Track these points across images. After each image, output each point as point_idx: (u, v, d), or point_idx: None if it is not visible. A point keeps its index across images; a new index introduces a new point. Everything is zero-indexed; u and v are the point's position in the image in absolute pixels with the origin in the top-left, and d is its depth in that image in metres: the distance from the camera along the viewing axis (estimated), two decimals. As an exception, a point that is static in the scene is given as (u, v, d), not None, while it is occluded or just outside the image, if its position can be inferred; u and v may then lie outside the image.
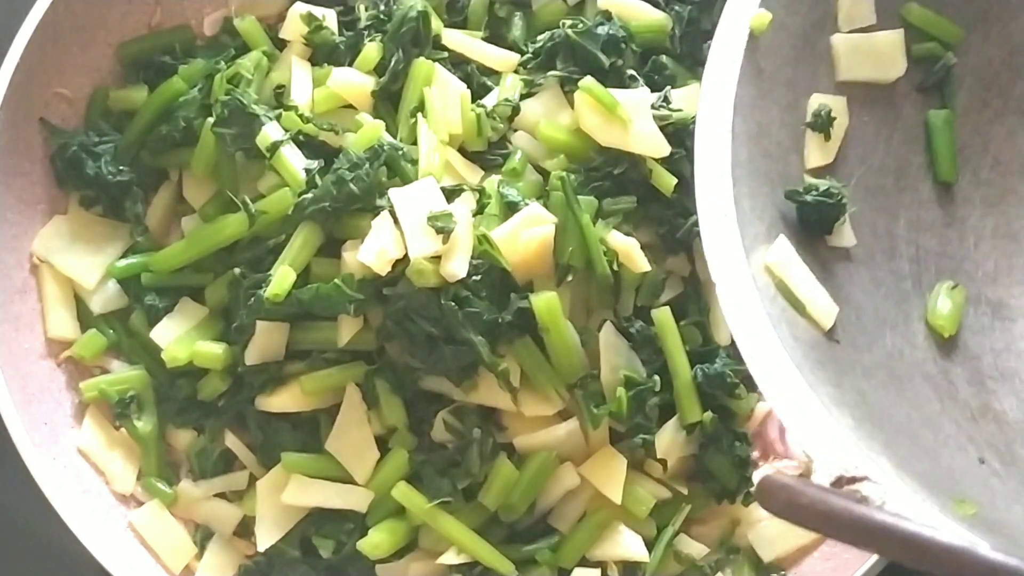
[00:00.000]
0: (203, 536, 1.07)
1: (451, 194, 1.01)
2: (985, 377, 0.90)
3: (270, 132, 1.04)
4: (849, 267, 0.89)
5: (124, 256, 1.10)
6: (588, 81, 1.04)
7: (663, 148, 1.03)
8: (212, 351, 1.04)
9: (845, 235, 0.91)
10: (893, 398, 0.84)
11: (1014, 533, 0.75)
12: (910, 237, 0.93)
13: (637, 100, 1.04)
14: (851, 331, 0.86)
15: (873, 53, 0.94)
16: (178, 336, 1.06)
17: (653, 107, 1.04)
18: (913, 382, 0.87)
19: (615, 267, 1.02)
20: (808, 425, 0.72)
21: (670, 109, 1.05)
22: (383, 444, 1.03)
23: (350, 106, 1.08)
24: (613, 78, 1.06)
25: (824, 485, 0.69)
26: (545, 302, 0.99)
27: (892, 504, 0.68)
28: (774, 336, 0.77)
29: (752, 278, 0.80)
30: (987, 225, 0.96)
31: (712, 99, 0.87)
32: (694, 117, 1.04)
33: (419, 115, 1.05)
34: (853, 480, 0.69)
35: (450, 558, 1.01)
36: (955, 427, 0.87)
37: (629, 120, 1.03)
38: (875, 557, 0.95)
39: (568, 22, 1.08)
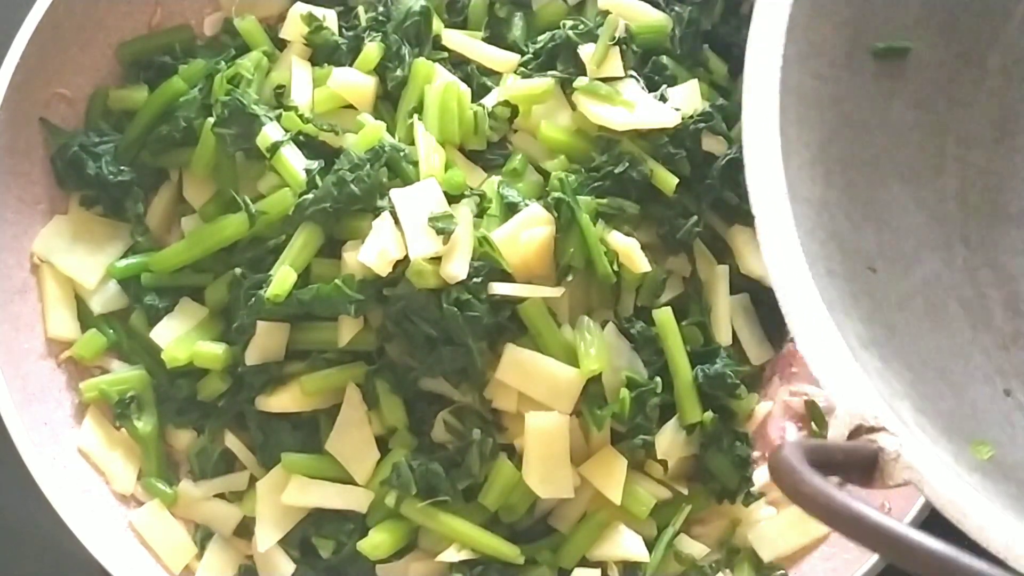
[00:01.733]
0: (203, 536, 1.07)
1: (452, 195, 1.01)
2: (1021, 301, 0.90)
3: (270, 132, 1.04)
4: (893, 188, 0.88)
5: (124, 256, 1.10)
6: (582, 81, 1.05)
7: (673, 117, 1.04)
8: (212, 351, 1.04)
9: None
10: (925, 328, 0.84)
11: None
12: (958, 153, 0.92)
13: (632, 86, 1.06)
14: (890, 256, 0.85)
15: None
16: (178, 336, 1.06)
17: (651, 106, 1.05)
18: (947, 309, 0.87)
19: (615, 267, 1.02)
20: (834, 372, 0.73)
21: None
22: (383, 444, 1.03)
23: (350, 106, 1.08)
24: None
25: (841, 438, 0.70)
26: (532, 307, 0.99)
27: (906, 455, 0.68)
28: (808, 275, 0.76)
29: (792, 211, 0.79)
30: None
31: (764, 20, 0.83)
32: (693, 117, 1.05)
33: (415, 116, 1.05)
34: (872, 430, 0.70)
35: (450, 555, 1.01)
36: (984, 357, 0.86)
37: (632, 103, 1.04)
38: (875, 557, 0.96)
39: (568, 23, 1.08)
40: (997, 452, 0.76)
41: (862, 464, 0.69)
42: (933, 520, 0.95)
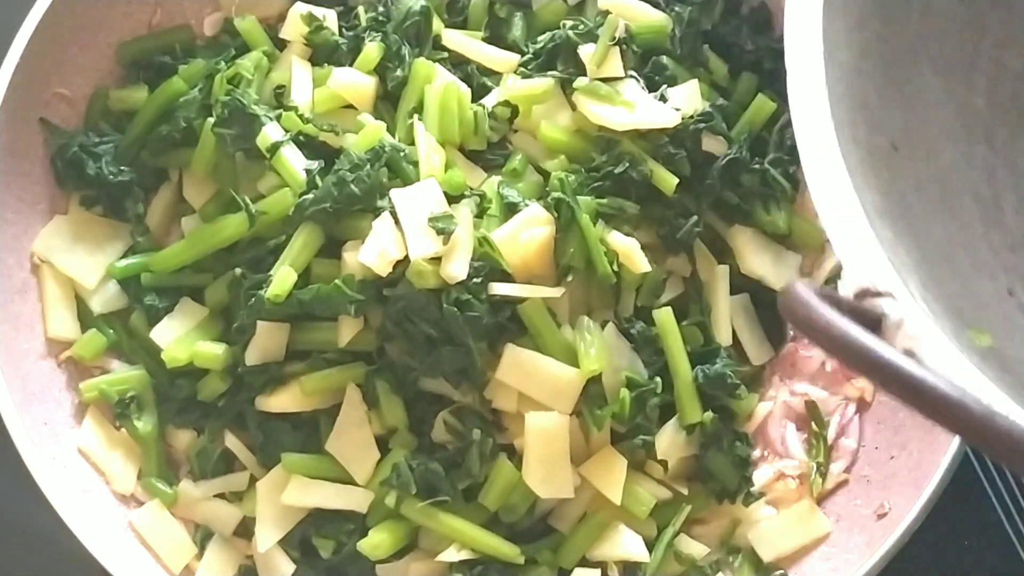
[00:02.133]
0: (203, 536, 1.07)
1: (452, 196, 1.01)
2: None
3: (270, 132, 1.04)
4: (925, 75, 0.88)
5: (124, 256, 1.10)
6: (582, 82, 1.05)
7: (673, 117, 1.04)
8: (212, 351, 1.04)
9: None
10: (938, 213, 0.84)
11: None
12: (995, 55, 0.91)
13: (632, 86, 1.06)
14: (913, 140, 0.84)
15: None
16: (178, 336, 1.06)
17: (650, 106, 1.05)
18: (962, 201, 0.87)
19: (615, 267, 1.02)
20: (847, 232, 0.72)
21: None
22: (383, 444, 1.03)
23: (350, 106, 1.08)
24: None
25: (848, 297, 0.69)
26: (532, 307, 0.99)
27: (909, 324, 0.67)
28: (833, 134, 0.76)
29: (825, 72, 0.79)
30: None
31: None
32: (693, 117, 1.05)
33: (415, 116, 1.05)
34: (877, 295, 0.69)
35: (450, 555, 1.01)
36: (992, 255, 0.86)
37: (632, 103, 1.04)
38: (875, 558, 0.95)
39: (568, 23, 1.08)
40: (997, 344, 0.76)
41: (866, 326, 0.67)
42: (932, 521, 0.96)
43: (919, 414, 0.61)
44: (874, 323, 0.68)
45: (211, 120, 1.06)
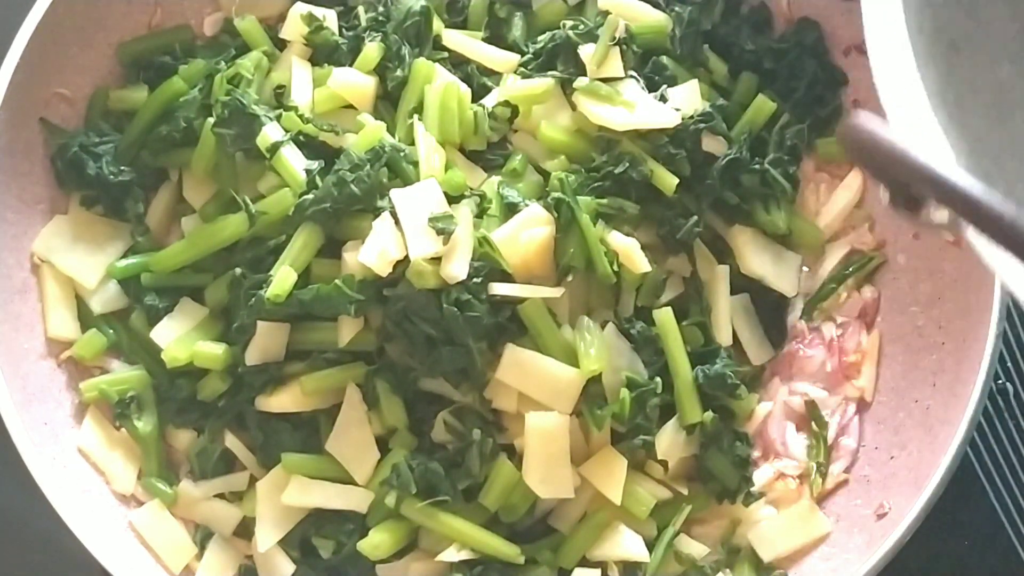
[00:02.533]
0: (203, 536, 1.07)
1: (452, 196, 1.01)
2: None
3: (270, 132, 1.04)
4: None
5: (124, 256, 1.10)
6: (582, 82, 1.05)
7: (673, 117, 1.04)
8: (212, 351, 1.04)
9: None
10: (990, 120, 0.84)
11: None
12: None
13: (632, 87, 1.06)
14: (972, 46, 0.85)
15: None
16: (178, 336, 1.06)
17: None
18: (1014, 115, 0.87)
19: (615, 268, 1.02)
20: (907, 104, 0.73)
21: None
22: (383, 445, 1.03)
23: (350, 106, 1.08)
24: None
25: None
26: (532, 307, 0.99)
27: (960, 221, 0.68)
28: (901, 13, 0.76)
29: None
30: None
31: None
32: (693, 117, 1.05)
33: (415, 116, 1.05)
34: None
35: (450, 555, 1.01)
36: None
37: (633, 103, 1.04)
38: (875, 558, 0.95)
39: (569, 23, 1.08)
40: None
41: (910, 205, 0.69)
42: (932, 521, 0.95)
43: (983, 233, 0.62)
44: (917, 202, 0.69)
45: (211, 120, 1.07)
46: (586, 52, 1.06)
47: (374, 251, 0.98)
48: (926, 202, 0.70)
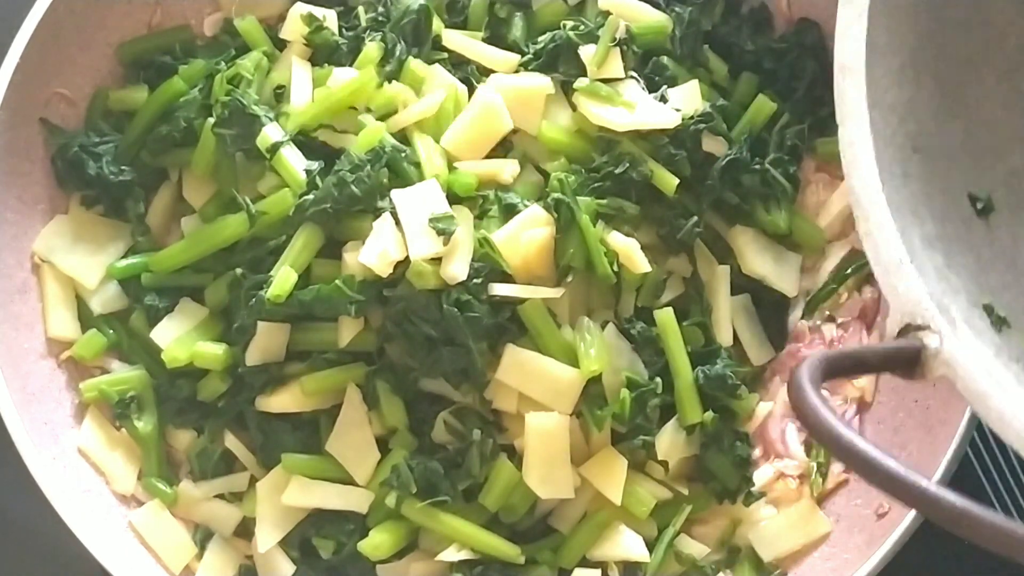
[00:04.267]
0: (203, 536, 1.07)
1: (462, 197, 1.01)
2: None
3: (270, 133, 1.04)
4: (988, 83, 0.88)
5: (124, 256, 1.10)
6: (583, 82, 1.05)
7: (674, 118, 1.04)
8: (212, 352, 1.04)
9: None
10: (1003, 220, 0.86)
11: None
12: None
13: (632, 87, 1.06)
14: (975, 149, 0.86)
15: None
16: (178, 336, 1.06)
17: (651, 107, 1.05)
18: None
19: (615, 268, 1.02)
20: (890, 274, 0.77)
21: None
22: (383, 445, 1.03)
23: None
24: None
25: (877, 345, 0.79)
26: (532, 308, 0.99)
27: (945, 352, 0.73)
28: (878, 184, 0.78)
29: (871, 119, 0.80)
30: None
31: None
32: (694, 117, 1.05)
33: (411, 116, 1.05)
34: (919, 328, 0.74)
35: (450, 555, 1.01)
36: None
37: (633, 103, 1.04)
38: (876, 558, 0.96)
39: (569, 23, 1.08)
40: None
41: (906, 360, 0.74)
42: (930, 522, 0.96)
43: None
44: (914, 356, 0.74)
45: (211, 120, 1.07)
46: (586, 53, 1.06)
47: (375, 252, 0.98)
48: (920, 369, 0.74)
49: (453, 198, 1.01)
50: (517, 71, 1.08)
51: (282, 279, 0.99)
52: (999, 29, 0.89)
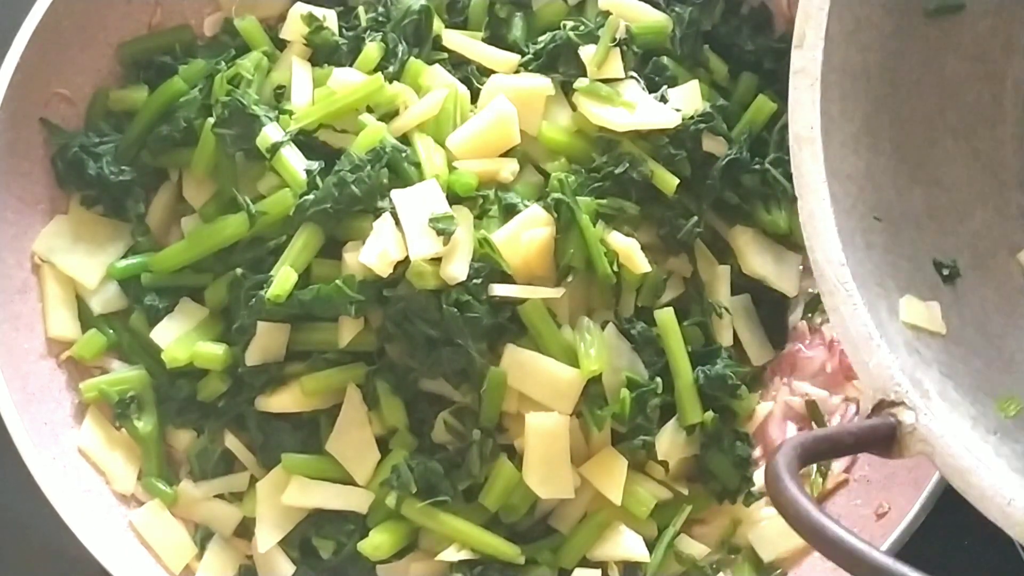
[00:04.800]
0: (203, 536, 1.07)
1: (462, 197, 1.01)
2: None
3: (270, 133, 1.04)
4: (947, 145, 0.89)
5: (124, 256, 1.10)
6: (583, 82, 1.05)
7: (674, 118, 1.04)
8: (212, 352, 1.04)
9: None
10: (970, 283, 0.85)
11: None
12: (1017, 99, 0.92)
13: (633, 87, 1.06)
14: (939, 213, 0.86)
15: None
16: (178, 337, 1.06)
17: (651, 107, 1.05)
18: (996, 258, 0.88)
19: (616, 268, 1.02)
20: (860, 351, 0.77)
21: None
22: (383, 445, 1.03)
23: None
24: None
25: (851, 425, 0.80)
26: (532, 308, 0.99)
27: (921, 428, 0.73)
28: (841, 257, 0.78)
29: (831, 191, 0.80)
30: None
31: (807, 3, 0.83)
32: (694, 117, 1.05)
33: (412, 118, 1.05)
34: (892, 404, 0.74)
35: (450, 554, 1.01)
36: None
37: (633, 104, 1.04)
38: (875, 558, 0.96)
39: (569, 23, 1.08)
40: None
41: (882, 438, 0.74)
42: (932, 521, 0.96)
43: None
44: (890, 433, 0.74)
45: (211, 120, 1.07)
46: (586, 53, 1.06)
47: (375, 252, 0.98)
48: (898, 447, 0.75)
49: (453, 198, 1.01)
50: (517, 71, 1.08)
51: (282, 279, 0.99)
52: (953, 87, 0.89)
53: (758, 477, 1.06)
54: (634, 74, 1.08)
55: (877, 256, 0.81)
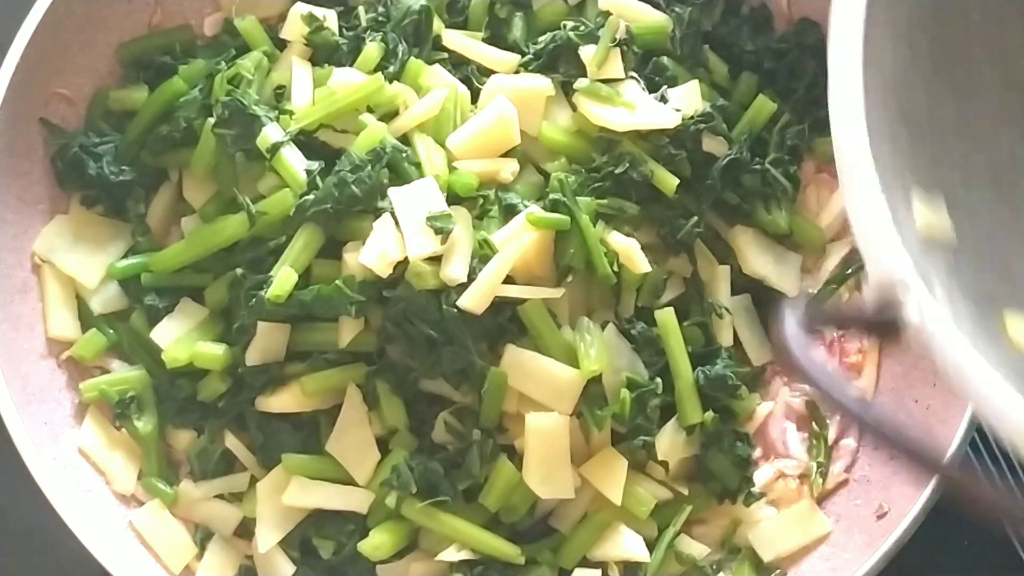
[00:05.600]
0: (203, 536, 1.07)
1: (463, 197, 1.01)
2: None
3: (270, 133, 1.04)
4: (983, 68, 0.87)
5: (124, 256, 1.10)
6: (583, 83, 1.05)
7: (674, 118, 1.04)
8: (212, 352, 1.04)
9: None
10: (987, 200, 0.85)
11: None
12: None
13: (633, 87, 1.06)
14: (966, 128, 0.85)
15: None
16: (178, 337, 1.06)
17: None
18: (1016, 185, 0.87)
19: (616, 268, 1.02)
20: (873, 241, 0.75)
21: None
22: (384, 445, 1.03)
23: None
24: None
25: (870, 303, 0.75)
26: (532, 308, 0.99)
27: (926, 323, 0.72)
28: (868, 149, 0.77)
29: (865, 83, 0.80)
30: None
31: None
32: (694, 117, 1.05)
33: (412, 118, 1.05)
34: (897, 300, 0.73)
35: (450, 554, 1.01)
36: None
37: (633, 104, 1.04)
38: (875, 558, 0.96)
39: (569, 24, 1.08)
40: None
41: (886, 327, 0.74)
42: (932, 521, 0.96)
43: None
44: (893, 327, 0.73)
45: (211, 120, 1.06)
46: (586, 53, 1.06)
47: (375, 252, 0.98)
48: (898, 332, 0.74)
49: (453, 198, 1.01)
50: (517, 71, 1.08)
51: (282, 279, 0.99)
52: (996, 12, 0.88)
53: (758, 477, 1.06)
54: (634, 74, 1.08)
55: (900, 155, 0.80)
